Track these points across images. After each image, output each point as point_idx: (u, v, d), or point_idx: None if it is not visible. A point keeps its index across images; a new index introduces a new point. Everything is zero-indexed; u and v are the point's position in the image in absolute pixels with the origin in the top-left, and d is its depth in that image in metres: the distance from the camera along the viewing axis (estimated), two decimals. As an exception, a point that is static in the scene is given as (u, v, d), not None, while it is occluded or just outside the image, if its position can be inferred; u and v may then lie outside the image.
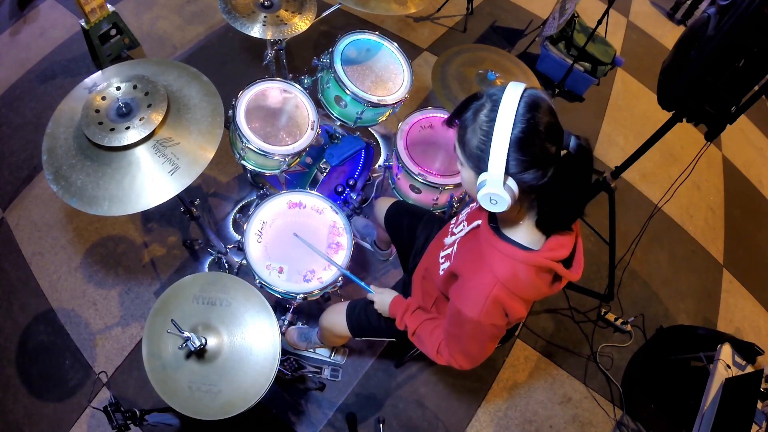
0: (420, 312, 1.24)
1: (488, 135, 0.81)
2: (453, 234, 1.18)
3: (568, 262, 0.97)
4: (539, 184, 0.84)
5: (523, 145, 0.80)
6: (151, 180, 1.18)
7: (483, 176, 0.85)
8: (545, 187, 0.85)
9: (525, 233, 0.94)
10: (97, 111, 1.21)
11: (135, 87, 1.25)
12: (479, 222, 1.02)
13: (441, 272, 1.15)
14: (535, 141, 0.80)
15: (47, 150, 1.21)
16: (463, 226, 1.16)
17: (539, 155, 0.81)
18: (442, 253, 1.18)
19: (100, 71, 1.34)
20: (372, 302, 1.34)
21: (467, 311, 0.96)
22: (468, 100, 0.88)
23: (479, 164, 0.85)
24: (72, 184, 1.16)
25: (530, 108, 0.80)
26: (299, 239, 1.50)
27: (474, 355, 1.07)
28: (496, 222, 1.00)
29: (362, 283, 1.36)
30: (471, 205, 1.23)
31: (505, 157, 0.80)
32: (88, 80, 1.31)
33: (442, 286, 1.17)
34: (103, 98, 1.23)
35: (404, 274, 1.62)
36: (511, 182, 0.83)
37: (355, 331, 1.46)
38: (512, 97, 0.80)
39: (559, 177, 0.84)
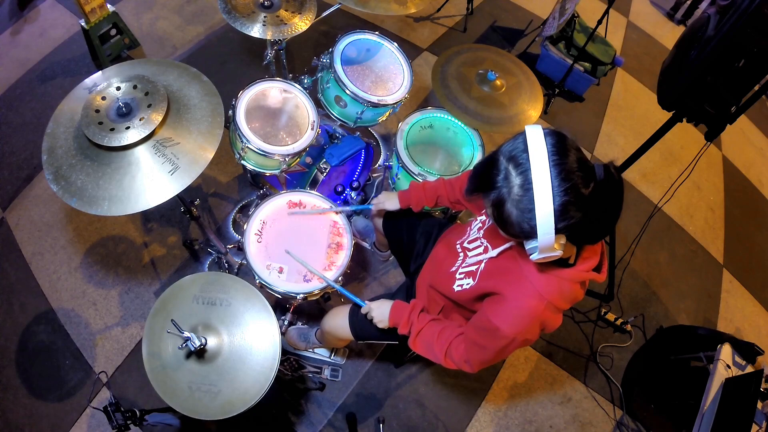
0: (425, 313, 1.23)
1: (529, 210, 0.79)
2: (468, 250, 1.17)
3: (597, 267, 0.98)
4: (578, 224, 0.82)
5: (566, 206, 0.79)
6: (151, 180, 1.18)
7: (531, 244, 0.84)
8: (583, 225, 0.84)
9: (561, 250, 0.94)
10: (97, 111, 1.21)
11: (135, 87, 1.25)
12: (512, 243, 1.01)
13: (457, 288, 1.14)
14: (576, 195, 0.79)
15: (47, 150, 1.21)
16: (481, 243, 1.13)
17: (580, 203, 0.80)
18: (461, 270, 1.16)
19: (100, 71, 1.34)
20: (366, 313, 1.31)
21: (506, 329, 0.96)
22: (486, 172, 0.84)
23: (523, 235, 0.84)
24: (72, 184, 1.16)
25: (562, 171, 0.77)
26: (291, 256, 1.49)
27: (490, 362, 1.07)
28: None
29: (355, 298, 1.34)
30: (482, 219, 1.20)
31: (554, 227, 0.78)
32: (88, 80, 1.31)
33: (466, 302, 1.15)
34: (103, 98, 1.23)
35: (406, 278, 1.61)
36: (560, 236, 0.82)
37: (358, 334, 1.45)
38: (542, 165, 0.77)
39: (593, 205, 0.82)
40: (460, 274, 1.15)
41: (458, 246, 1.22)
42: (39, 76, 2.53)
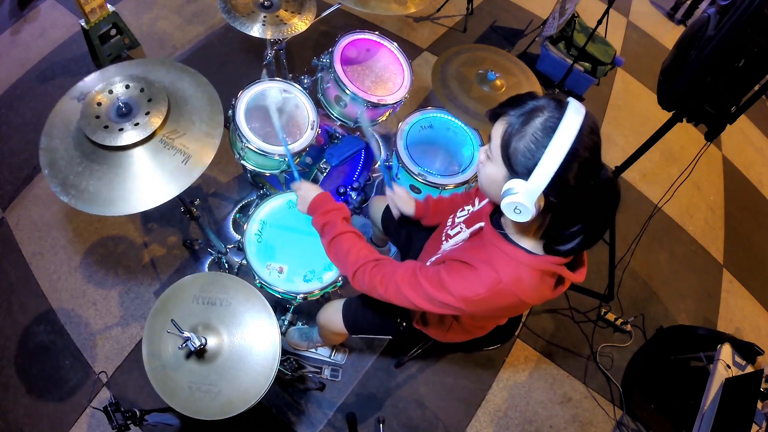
0: (349, 223, 1.17)
1: (538, 144, 0.78)
2: (449, 237, 1.16)
3: (572, 265, 0.95)
4: (559, 206, 0.82)
5: (568, 169, 0.78)
6: (165, 174, 1.19)
7: (515, 183, 0.81)
8: (565, 211, 0.83)
9: (530, 241, 0.93)
10: (99, 110, 1.20)
11: (127, 87, 1.24)
12: (482, 224, 1.00)
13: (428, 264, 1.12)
14: (581, 167, 0.79)
15: (45, 148, 1.20)
16: (461, 228, 1.13)
17: (577, 181, 0.79)
18: (438, 254, 1.15)
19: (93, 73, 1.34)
20: (364, 302, 1.31)
21: (452, 288, 0.93)
22: (524, 97, 0.84)
23: (515, 168, 0.81)
24: (83, 191, 1.15)
25: (587, 134, 0.78)
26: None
27: (409, 305, 1.02)
28: (500, 227, 0.98)
29: (297, 174, 1.33)
30: (467, 208, 1.20)
31: (552, 175, 0.77)
32: (78, 86, 1.30)
33: None
34: (99, 104, 1.21)
35: None
36: (541, 198, 0.80)
37: (351, 328, 1.45)
38: (575, 118, 0.77)
39: (582, 205, 0.82)
40: (437, 256, 1.14)
41: (443, 235, 1.21)
42: (39, 76, 2.53)
